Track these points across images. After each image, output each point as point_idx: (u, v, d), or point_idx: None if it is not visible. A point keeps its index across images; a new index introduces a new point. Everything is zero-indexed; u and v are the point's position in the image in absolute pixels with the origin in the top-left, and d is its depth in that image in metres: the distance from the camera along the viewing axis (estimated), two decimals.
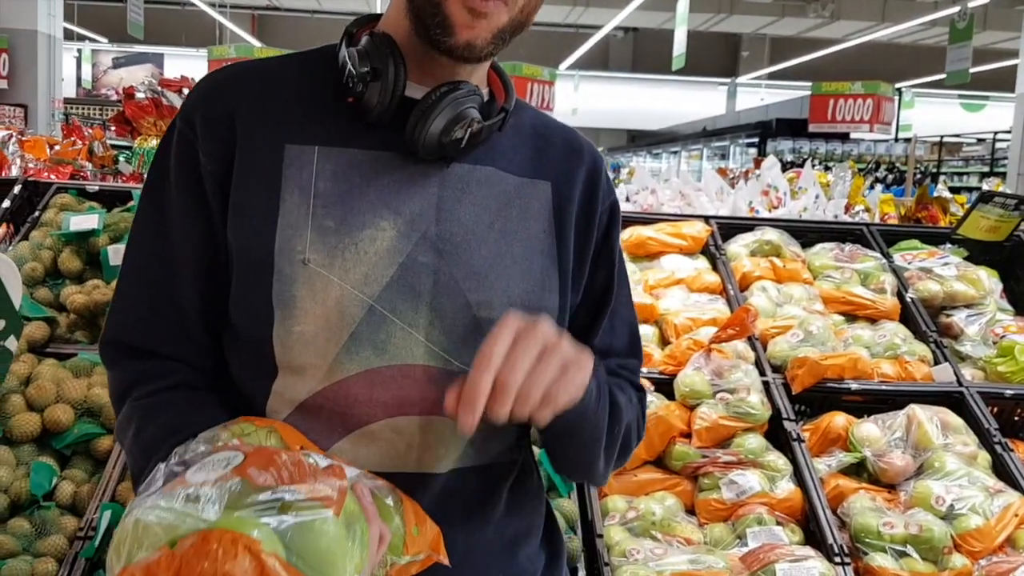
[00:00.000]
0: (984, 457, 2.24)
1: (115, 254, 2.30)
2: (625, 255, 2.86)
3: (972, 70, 10.05)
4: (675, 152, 18.42)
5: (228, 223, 0.92)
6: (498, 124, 0.95)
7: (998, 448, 2.24)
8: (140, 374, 0.95)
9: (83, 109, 14.03)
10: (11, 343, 2.05)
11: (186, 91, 3.20)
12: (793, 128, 12.93)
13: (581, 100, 18.16)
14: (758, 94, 19.20)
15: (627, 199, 4.08)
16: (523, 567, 1.01)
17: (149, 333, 0.96)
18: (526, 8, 0.91)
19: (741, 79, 19.66)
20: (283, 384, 0.91)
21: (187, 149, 0.93)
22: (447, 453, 0.94)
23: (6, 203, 2.65)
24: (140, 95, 3.15)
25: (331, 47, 1.00)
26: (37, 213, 2.59)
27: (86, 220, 2.38)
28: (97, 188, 2.74)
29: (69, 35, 14.91)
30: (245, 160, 0.92)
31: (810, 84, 11.93)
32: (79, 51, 17.88)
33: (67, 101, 12.69)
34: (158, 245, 0.95)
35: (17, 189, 2.69)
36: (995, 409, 2.42)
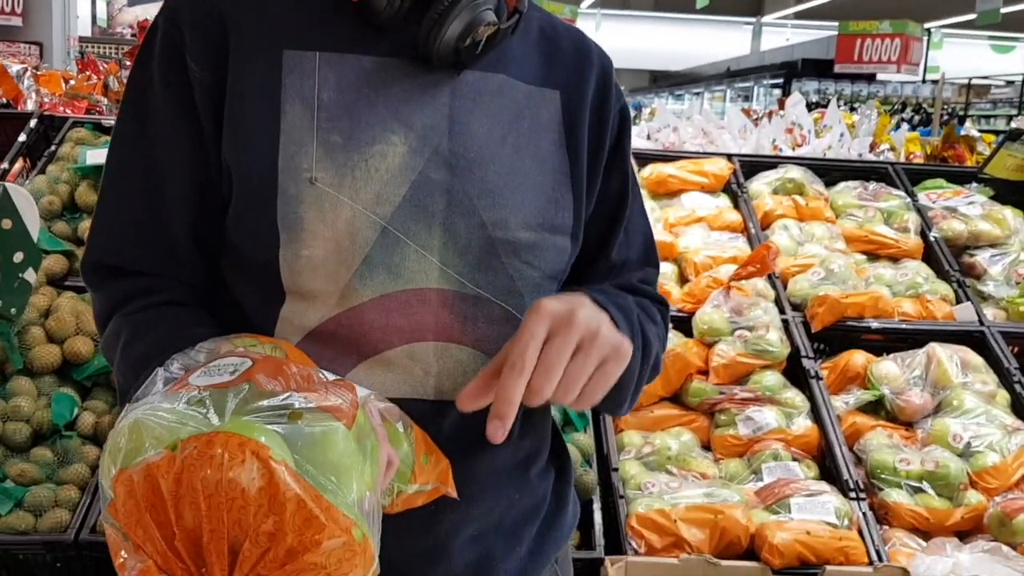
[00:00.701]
0: (1003, 396, 2.22)
1: None
2: (645, 192, 2.84)
3: (1004, 10, 9.77)
4: (698, 93, 18.16)
5: (223, 138, 0.85)
6: (511, 28, 0.89)
7: (1018, 387, 2.22)
8: (127, 292, 0.89)
9: (98, 48, 13.95)
10: (30, 275, 2.06)
11: None
12: (819, 69, 12.68)
13: (603, 39, 17.42)
14: (784, 34, 18.78)
15: (648, 137, 4.02)
16: (534, 484, 1.00)
17: (136, 254, 0.90)
18: None
19: (766, 18, 19.22)
20: (292, 310, 0.86)
21: (173, 53, 0.85)
22: (466, 381, 0.87)
23: (22, 137, 2.64)
24: None
25: None
26: (53, 147, 2.58)
27: (102, 154, 2.37)
28: (114, 122, 2.73)
29: None
30: (239, 68, 0.84)
31: (837, 24, 11.65)
32: None
33: (82, 40, 12.60)
34: (142, 160, 0.88)
35: (33, 123, 2.68)
36: (1016, 349, 2.39)
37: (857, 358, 2.30)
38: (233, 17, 0.85)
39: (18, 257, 2.01)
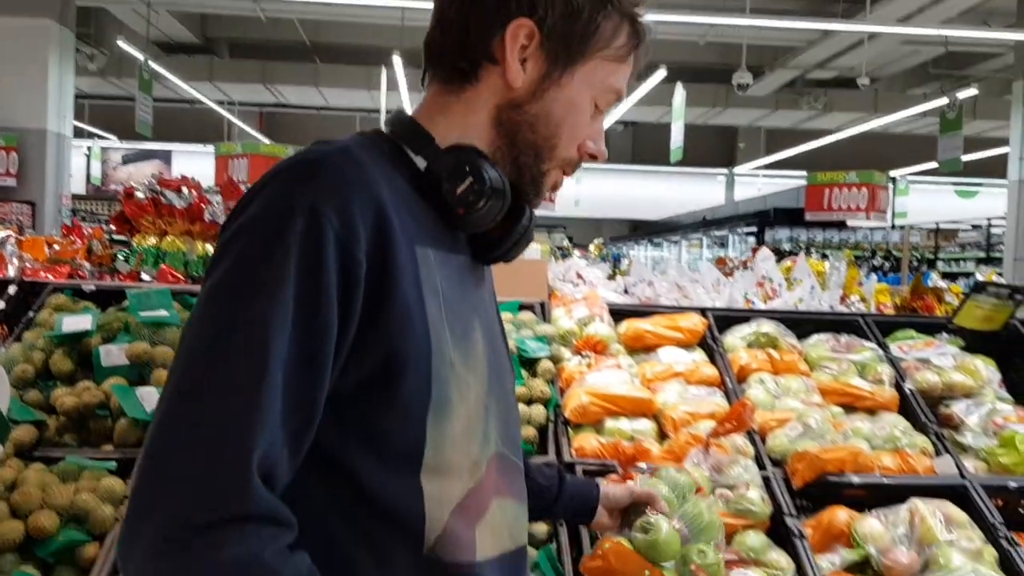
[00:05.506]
0: (990, 552, 2.17)
1: (106, 355, 2.29)
2: (622, 347, 2.87)
3: (964, 158, 10.22)
4: (676, 241, 18.60)
5: (383, 326, 0.87)
6: None
7: (1004, 543, 2.18)
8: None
9: (91, 205, 14.27)
10: None
11: (185, 190, 3.25)
12: (791, 217, 13.07)
13: (583, 191, 18.44)
14: (755, 184, 19.48)
15: (625, 291, 4.10)
16: None
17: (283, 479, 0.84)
18: None
19: (738, 169, 19.99)
20: (438, 488, 0.93)
21: (348, 257, 0.85)
22: (522, 528, 1.06)
23: (0, 304, 2.66)
24: (140, 194, 3.20)
25: (393, 149, 1.00)
26: (32, 314, 2.60)
27: (79, 321, 2.39)
28: (93, 288, 2.76)
29: (79, 133, 15.29)
30: (396, 260, 0.88)
31: (806, 174, 12.12)
32: (88, 148, 18.29)
33: (75, 197, 12.90)
34: (305, 372, 0.83)
35: (12, 290, 2.71)
36: (999, 502, 2.36)
37: (840, 515, 2.27)
38: (389, 211, 0.90)
39: None
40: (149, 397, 2.18)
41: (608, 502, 1.43)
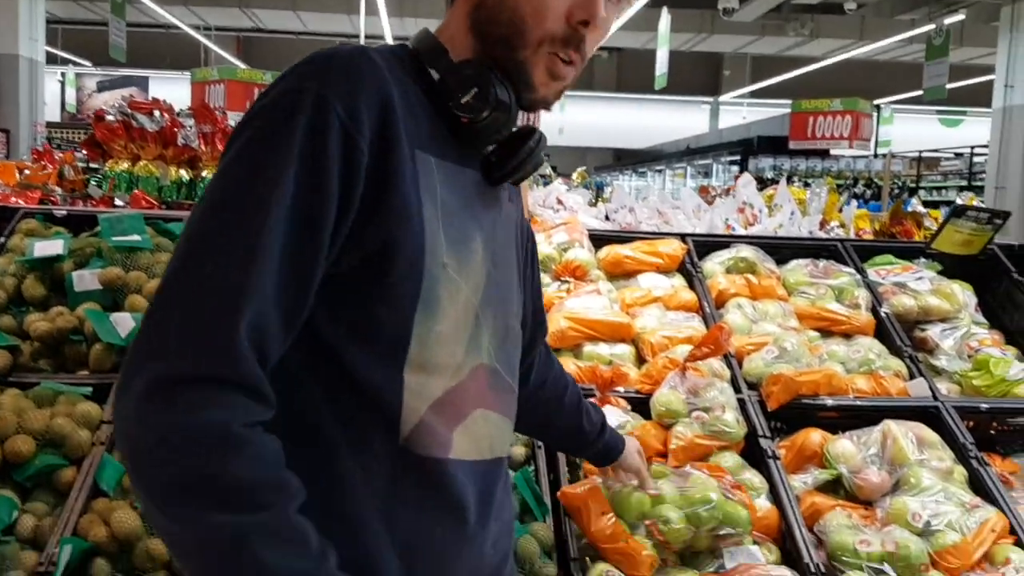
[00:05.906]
0: (960, 472, 2.22)
1: (79, 280, 2.27)
2: (602, 273, 2.86)
3: (949, 86, 10.15)
4: (660, 170, 18.51)
5: (383, 217, 0.91)
6: None
7: (974, 463, 2.22)
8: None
9: (66, 133, 13.99)
10: None
11: (157, 114, 3.17)
12: (774, 145, 13.00)
13: (567, 119, 18.25)
14: (740, 112, 19.34)
15: (606, 217, 4.08)
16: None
17: (276, 353, 0.89)
18: (581, 68, 1.05)
19: (723, 97, 19.80)
20: (419, 382, 0.96)
21: (352, 148, 0.89)
22: (497, 443, 1.08)
23: None
24: (110, 118, 3.12)
25: (412, 61, 1.03)
26: (3, 239, 2.55)
27: (51, 246, 2.35)
28: (65, 213, 2.71)
29: (53, 59, 14.90)
30: (399, 156, 0.92)
31: (790, 102, 12.01)
32: (63, 75, 17.87)
33: (50, 125, 12.63)
34: (301, 250, 0.88)
35: None
36: (971, 423, 2.40)
37: (814, 436, 2.30)
38: (396, 110, 0.93)
39: None
40: (123, 322, 2.17)
41: (623, 463, 1.69)
